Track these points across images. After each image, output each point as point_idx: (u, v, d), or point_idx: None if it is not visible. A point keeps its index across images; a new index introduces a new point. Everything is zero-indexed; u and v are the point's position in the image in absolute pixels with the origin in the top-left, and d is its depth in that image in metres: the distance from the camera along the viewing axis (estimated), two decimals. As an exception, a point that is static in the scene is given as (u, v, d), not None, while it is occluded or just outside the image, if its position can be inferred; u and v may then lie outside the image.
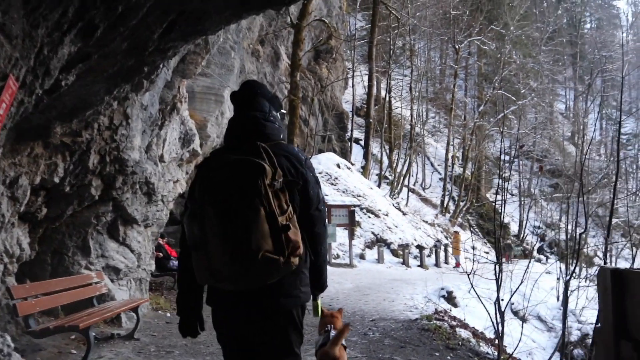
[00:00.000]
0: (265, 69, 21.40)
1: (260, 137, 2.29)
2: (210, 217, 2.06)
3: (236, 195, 2.05)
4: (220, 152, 2.36)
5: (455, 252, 20.74)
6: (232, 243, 2.03)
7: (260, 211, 2.03)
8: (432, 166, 39.72)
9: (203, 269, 2.11)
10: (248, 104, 2.42)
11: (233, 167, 2.12)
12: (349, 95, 32.41)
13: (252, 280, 2.10)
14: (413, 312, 7.95)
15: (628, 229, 21.91)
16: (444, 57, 47.16)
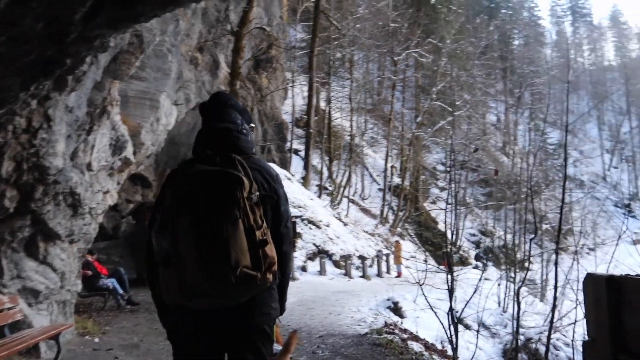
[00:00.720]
0: (203, 78, 20.74)
1: (234, 149, 2.24)
2: (185, 230, 1.96)
3: (213, 207, 1.97)
4: (191, 162, 2.24)
5: (396, 262, 20.81)
6: (209, 257, 1.93)
7: (239, 224, 1.97)
8: (370, 177, 40.06)
9: (173, 286, 1.99)
10: (219, 116, 2.37)
11: (209, 178, 2.04)
12: (289, 106, 32.19)
13: (229, 297, 2.02)
14: (362, 326, 7.66)
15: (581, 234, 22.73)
16: (382, 69, 47.98)
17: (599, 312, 1.90)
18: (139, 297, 10.67)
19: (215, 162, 2.13)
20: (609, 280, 1.81)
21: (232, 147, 2.25)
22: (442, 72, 35.57)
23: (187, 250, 1.95)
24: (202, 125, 2.42)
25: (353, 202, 31.66)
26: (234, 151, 2.22)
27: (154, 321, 8.20)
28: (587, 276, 2.02)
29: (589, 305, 2.04)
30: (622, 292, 1.77)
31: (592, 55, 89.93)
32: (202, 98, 20.48)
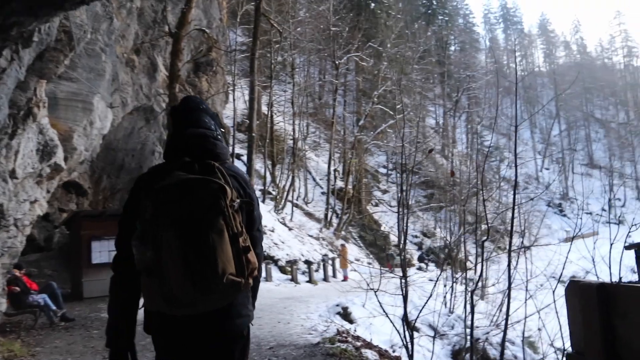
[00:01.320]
0: (141, 80, 19.93)
1: (211, 156, 2.21)
2: (169, 241, 1.93)
3: (198, 217, 1.95)
4: (166, 169, 2.15)
5: (342, 266, 20.73)
6: (196, 268, 1.91)
7: (224, 233, 1.97)
8: (314, 180, 39.99)
9: (157, 294, 1.97)
10: (193, 121, 2.31)
11: (192, 187, 2.00)
12: (230, 110, 31.60)
13: (213, 304, 2.02)
14: (313, 335, 7.38)
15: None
16: (323, 73, 48.13)
17: (588, 323, 1.73)
18: (75, 312, 10.00)
19: (194, 169, 2.10)
20: (601, 289, 1.65)
21: (209, 154, 2.21)
22: (383, 75, 35.99)
23: (172, 262, 1.91)
24: (173, 130, 2.37)
25: (297, 206, 31.45)
26: (211, 158, 2.19)
27: (90, 338, 7.64)
28: (572, 284, 1.87)
29: (574, 316, 1.88)
30: (614, 301, 1.62)
31: (524, 61, 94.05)
32: (140, 102, 19.68)
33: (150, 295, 2.02)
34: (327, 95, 48.69)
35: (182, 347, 2.11)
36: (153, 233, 1.95)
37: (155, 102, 20.60)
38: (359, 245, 33.93)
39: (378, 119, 38.27)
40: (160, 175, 2.10)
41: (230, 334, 2.15)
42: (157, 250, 1.93)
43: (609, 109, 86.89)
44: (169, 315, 2.03)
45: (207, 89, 25.74)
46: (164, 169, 2.17)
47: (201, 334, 2.10)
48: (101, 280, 13.08)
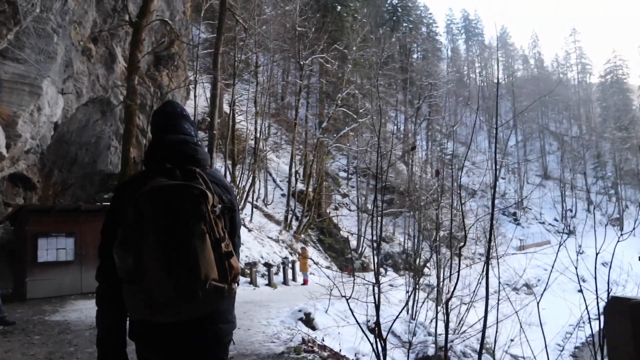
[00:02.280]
0: (98, 71, 19.05)
1: (192, 161, 2.22)
2: (151, 247, 1.92)
3: (180, 222, 1.95)
4: (148, 175, 2.14)
5: (303, 269, 20.35)
6: (178, 274, 1.91)
7: (206, 238, 1.97)
8: (274, 182, 39.51)
9: (139, 302, 1.94)
10: (174, 127, 2.32)
11: (173, 193, 2.00)
12: (191, 107, 30.81)
13: (196, 310, 1.98)
14: (276, 344, 6.93)
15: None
16: (287, 74, 47.74)
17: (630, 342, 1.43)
18: (15, 315, 9.25)
19: (175, 175, 2.12)
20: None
21: (190, 160, 2.22)
22: (347, 78, 35.90)
23: (154, 268, 1.90)
24: (153, 135, 2.36)
25: (256, 207, 30.89)
26: (192, 164, 2.20)
27: (31, 345, 7.01)
28: (615, 301, 1.56)
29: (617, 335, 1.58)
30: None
31: (484, 72, 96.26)
32: (96, 93, 18.80)
33: (132, 303, 1.98)
34: (289, 97, 48.33)
35: (167, 355, 2.09)
36: (135, 239, 1.95)
37: (112, 94, 19.73)
38: (317, 249, 33.65)
39: (340, 122, 38.12)
40: (142, 181, 2.09)
41: (216, 340, 2.15)
42: (139, 256, 1.92)
43: (563, 122, 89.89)
44: (153, 322, 2.00)
45: (167, 83, 24.93)
46: (145, 176, 2.15)
47: (187, 341, 2.07)
48: (47, 280, 12.24)
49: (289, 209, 32.27)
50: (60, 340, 7.33)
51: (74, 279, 12.77)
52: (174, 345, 2.07)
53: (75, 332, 7.87)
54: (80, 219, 13.09)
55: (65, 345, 7.05)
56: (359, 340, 8.86)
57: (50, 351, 6.65)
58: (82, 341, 7.17)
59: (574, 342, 29.26)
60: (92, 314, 9.70)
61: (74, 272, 12.81)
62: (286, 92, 48.53)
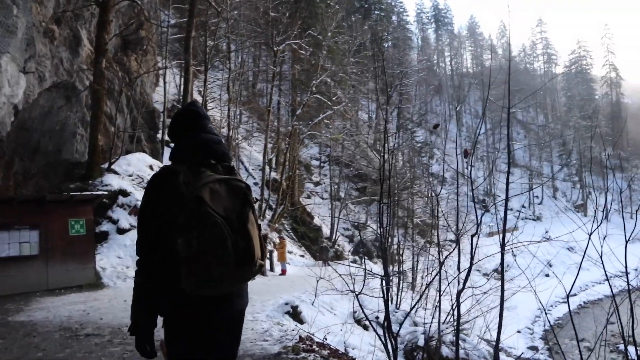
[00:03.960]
0: (61, 54, 18.03)
1: (226, 159, 2.56)
2: (212, 229, 2.17)
3: (237, 211, 2.32)
4: (195, 169, 2.39)
5: (281, 259, 19.87)
6: (238, 254, 2.23)
7: (254, 224, 2.37)
8: (246, 171, 38.81)
9: (197, 278, 2.17)
10: (204, 127, 2.59)
11: (228, 185, 2.37)
12: (160, 95, 29.81)
13: (242, 283, 2.41)
14: (269, 342, 6.41)
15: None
16: (258, 61, 46.80)
17: None
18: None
19: (219, 170, 2.45)
20: None
21: (224, 157, 2.54)
22: (322, 65, 35.33)
23: (216, 248, 2.16)
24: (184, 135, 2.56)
25: (229, 196, 30.22)
26: (226, 160, 2.53)
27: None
28: None
29: None
30: None
31: (454, 61, 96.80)
32: (60, 77, 17.77)
33: (189, 280, 2.18)
34: (261, 84, 47.44)
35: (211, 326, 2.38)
36: (197, 224, 2.16)
37: (77, 79, 18.74)
38: (291, 238, 33.21)
39: (313, 110, 37.57)
40: (193, 173, 2.34)
41: (240, 310, 2.52)
42: (205, 239, 2.15)
43: (530, 111, 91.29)
44: (202, 297, 2.26)
45: (136, 68, 23.96)
46: (193, 169, 2.38)
47: (227, 312, 2.41)
48: (10, 276, 11.44)
49: (262, 198, 31.68)
50: (26, 345, 6.66)
51: (39, 275, 11.98)
52: (212, 317, 2.36)
53: (43, 335, 7.20)
54: (45, 211, 12.28)
55: (32, 349, 6.38)
56: (348, 333, 8.48)
57: (16, 357, 5.99)
58: (51, 345, 6.52)
59: (543, 326, 29.79)
60: (61, 313, 9.04)
61: (39, 268, 12.01)
62: (257, 79, 47.63)
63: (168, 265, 2.25)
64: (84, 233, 12.63)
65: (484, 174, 63.60)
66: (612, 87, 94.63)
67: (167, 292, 2.29)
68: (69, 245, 12.30)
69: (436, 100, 79.31)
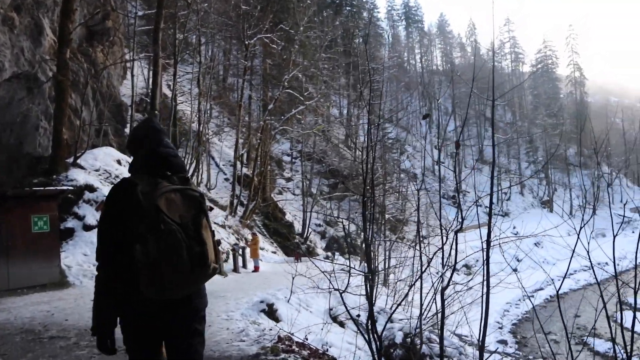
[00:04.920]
0: (22, 43, 17.27)
1: (183, 170, 2.77)
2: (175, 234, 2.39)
3: (192, 219, 2.52)
4: (154, 180, 2.56)
5: (253, 255, 19.53)
6: (193, 259, 2.43)
7: (208, 230, 2.59)
8: (217, 166, 38.22)
9: (155, 283, 2.36)
10: (161, 141, 2.77)
11: (183, 194, 2.58)
12: (127, 88, 29.02)
13: (197, 286, 2.60)
14: (246, 342, 6.09)
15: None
16: (228, 55, 46.12)
17: None
18: None
19: (175, 181, 2.64)
20: None
21: (180, 169, 2.76)
22: (293, 60, 35.00)
23: (172, 255, 2.37)
24: (143, 148, 2.74)
25: (200, 192, 29.66)
26: (181, 172, 2.75)
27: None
28: None
29: None
30: None
31: (424, 59, 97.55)
32: (20, 68, 17.03)
33: (148, 285, 2.35)
34: (232, 79, 46.78)
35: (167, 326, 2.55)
36: (155, 231, 2.36)
37: (40, 70, 18.00)
38: (263, 234, 32.86)
39: (285, 105, 37.24)
40: (151, 184, 2.51)
41: (200, 309, 2.68)
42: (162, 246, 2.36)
43: (498, 109, 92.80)
44: (159, 299, 2.43)
45: (102, 60, 23.19)
46: (151, 180, 2.55)
47: (183, 313, 2.55)
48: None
49: (234, 194, 31.22)
50: (-15, 349, 6.22)
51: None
52: (169, 318, 2.52)
53: (2, 338, 6.73)
54: (6, 207, 11.65)
55: (-9, 354, 5.95)
56: (325, 331, 8.27)
57: (-30, 363, 5.57)
58: (12, 349, 6.08)
59: (512, 319, 30.23)
60: (23, 314, 8.53)
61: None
62: (228, 73, 46.96)
63: (128, 272, 2.41)
64: (48, 230, 12.06)
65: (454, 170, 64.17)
66: (576, 86, 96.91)
67: (127, 297, 2.46)
68: (32, 243, 11.72)
69: (407, 96, 79.81)
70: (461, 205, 5.42)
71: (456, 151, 5.02)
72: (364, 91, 42.89)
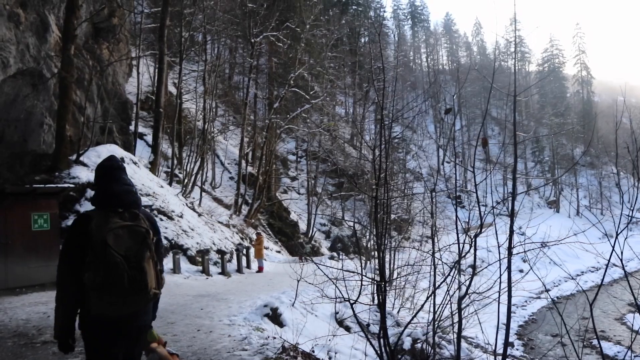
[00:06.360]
0: (27, 40, 17.10)
1: (135, 206, 3.10)
2: (118, 266, 2.81)
3: (137, 251, 2.91)
4: (107, 215, 2.96)
5: (258, 256, 19.30)
6: (135, 285, 2.86)
7: (150, 261, 2.97)
8: (222, 165, 38.05)
9: (103, 302, 2.82)
10: (118, 178, 3.13)
11: (130, 230, 2.94)
12: (133, 86, 28.86)
13: (139, 306, 2.96)
14: (248, 351, 5.81)
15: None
16: (234, 53, 45.91)
17: None
18: None
19: (125, 217, 2.99)
20: None
21: (134, 205, 3.09)
22: (299, 59, 34.74)
23: (118, 280, 2.81)
24: (101, 183, 3.12)
25: (204, 191, 29.47)
26: (135, 208, 3.09)
27: None
28: None
29: None
30: None
31: (429, 58, 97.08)
32: (26, 64, 16.86)
33: (97, 303, 2.82)
34: (238, 77, 46.58)
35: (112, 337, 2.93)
36: (104, 260, 2.78)
37: (45, 66, 17.81)
38: (267, 233, 32.67)
39: (291, 104, 37.02)
40: (103, 219, 2.93)
41: (145, 325, 3.15)
42: (106, 272, 2.78)
43: (504, 108, 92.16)
44: (107, 317, 2.88)
45: (108, 57, 23.02)
46: (104, 215, 2.97)
47: (129, 328, 2.99)
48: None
49: (239, 192, 31.02)
50: (-24, 353, 5.97)
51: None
52: (116, 332, 2.91)
53: (-5, 341, 6.50)
54: (5, 204, 11.48)
55: (-18, 359, 5.71)
56: (331, 336, 8.02)
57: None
58: (3, 354, 5.88)
59: (518, 321, 29.94)
60: (18, 315, 8.29)
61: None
62: (234, 72, 46.76)
63: (81, 292, 2.84)
64: (48, 228, 11.88)
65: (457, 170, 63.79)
66: (583, 85, 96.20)
67: (81, 312, 2.90)
68: (32, 241, 11.55)
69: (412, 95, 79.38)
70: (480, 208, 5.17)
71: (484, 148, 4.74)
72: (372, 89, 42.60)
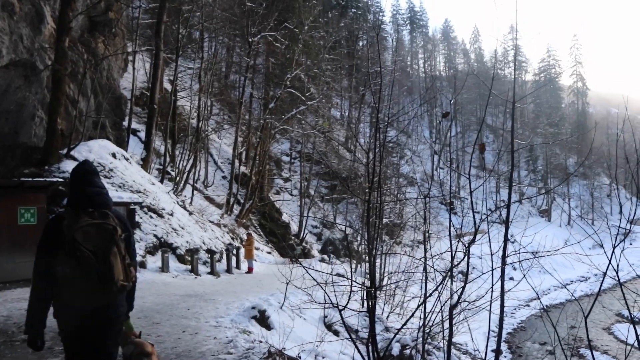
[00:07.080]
0: (21, 31, 16.90)
1: (105, 207, 3.33)
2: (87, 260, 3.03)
3: (104, 246, 3.13)
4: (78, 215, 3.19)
5: (248, 256, 19.15)
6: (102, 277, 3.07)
7: (117, 255, 3.18)
8: (215, 164, 37.87)
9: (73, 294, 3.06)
10: (90, 182, 3.38)
11: (98, 228, 3.17)
12: (128, 82, 28.65)
13: (108, 298, 3.16)
14: (233, 355, 5.66)
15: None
16: (231, 52, 45.77)
17: None
18: None
19: (95, 216, 3.22)
20: None
21: (104, 205, 3.33)
22: (297, 59, 34.65)
23: (86, 274, 3.03)
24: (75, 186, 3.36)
25: (196, 189, 29.28)
26: (105, 208, 3.32)
27: None
28: None
29: None
30: None
31: (427, 64, 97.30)
32: (19, 55, 16.65)
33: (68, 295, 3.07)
34: (234, 76, 46.43)
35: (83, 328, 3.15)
36: (74, 255, 3.03)
37: (38, 58, 17.62)
38: (258, 234, 32.51)
39: (286, 105, 36.92)
40: (74, 219, 3.15)
41: (114, 319, 3.30)
42: (75, 267, 3.03)
43: (499, 116, 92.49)
44: (78, 307, 3.11)
45: (103, 51, 22.82)
46: (75, 215, 3.19)
47: (96, 319, 3.17)
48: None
49: (231, 192, 30.85)
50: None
51: (-16, 265, 10.99)
52: (88, 321, 3.13)
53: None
54: (-9, 197, 11.31)
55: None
56: (319, 342, 7.91)
57: None
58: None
59: (506, 328, 29.96)
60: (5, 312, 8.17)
61: (-17, 258, 11.02)
62: (230, 70, 46.61)
63: (55, 285, 3.06)
64: (35, 222, 11.69)
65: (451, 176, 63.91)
66: (578, 96, 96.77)
67: (55, 302, 3.12)
68: (18, 236, 11.36)
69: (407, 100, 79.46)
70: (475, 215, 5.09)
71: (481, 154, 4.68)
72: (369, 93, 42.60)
